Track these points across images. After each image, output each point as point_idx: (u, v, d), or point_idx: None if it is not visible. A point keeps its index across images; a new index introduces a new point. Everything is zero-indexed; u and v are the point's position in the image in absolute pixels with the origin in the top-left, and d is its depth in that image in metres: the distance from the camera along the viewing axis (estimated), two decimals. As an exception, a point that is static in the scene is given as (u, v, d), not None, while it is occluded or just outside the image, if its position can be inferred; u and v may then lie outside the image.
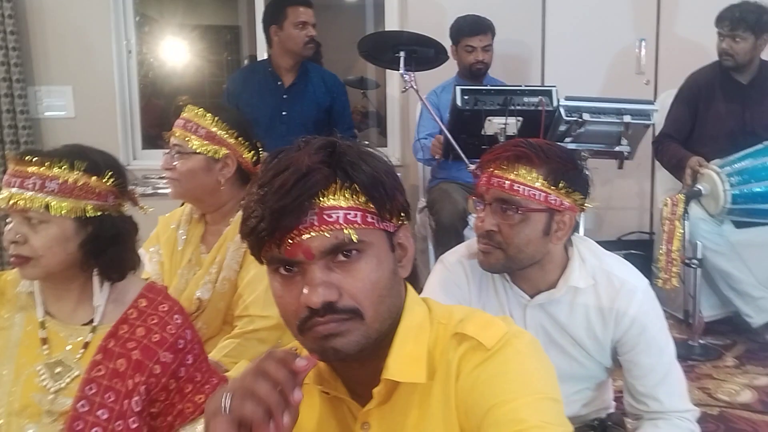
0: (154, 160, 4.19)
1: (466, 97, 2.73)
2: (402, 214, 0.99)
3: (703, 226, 3.15)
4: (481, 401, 0.91)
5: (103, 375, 1.39)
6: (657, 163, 3.73)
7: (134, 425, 1.39)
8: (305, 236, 0.89)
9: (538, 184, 1.49)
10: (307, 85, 3.57)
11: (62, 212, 1.38)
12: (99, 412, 1.37)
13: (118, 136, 4.21)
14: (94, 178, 1.42)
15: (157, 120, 4.84)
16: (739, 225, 3.26)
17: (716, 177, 3.12)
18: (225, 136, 1.90)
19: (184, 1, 6.75)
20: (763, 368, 3.01)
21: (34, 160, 1.38)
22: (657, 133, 3.62)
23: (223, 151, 1.90)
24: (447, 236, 3.21)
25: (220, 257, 1.90)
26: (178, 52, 6.24)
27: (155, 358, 1.42)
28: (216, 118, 1.90)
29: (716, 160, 3.21)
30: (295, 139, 0.97)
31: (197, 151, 1.87)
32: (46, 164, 1.39)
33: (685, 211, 3.00)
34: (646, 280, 1.62)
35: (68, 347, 1.43)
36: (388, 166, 0.97)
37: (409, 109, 4.18)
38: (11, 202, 1.36)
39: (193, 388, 1.48)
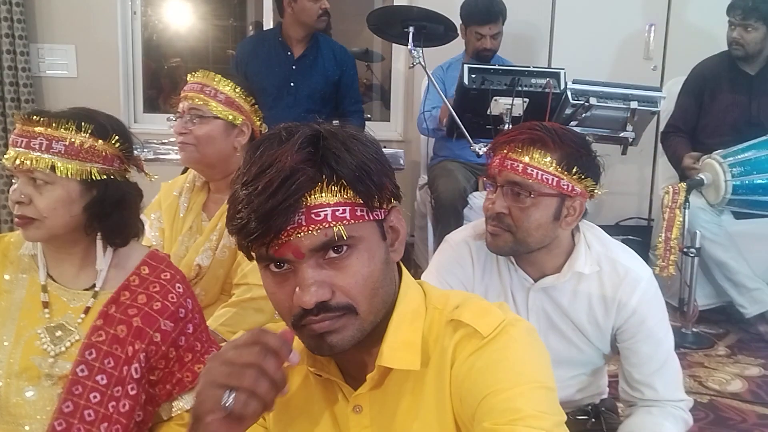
0: (155, 124, 4.19)
1: (473, 76, 2.71)
2: (391, 198, 0.97)
3: (702, 216, 3.16)
4: (476, 389, 0.91)
5: (103, 340, 1.39)
6: (659, 149, 3.73)
7: (133, 392, 1.39)
8: (293, 237, 0.87)
9: (551, 169, 1.49)
10: (317, 57, 3.54)
11: (68, 174, 1.37)
12: (98, 377, 1.37)
13: (119, 98, 4.18)
14: (100, 141, 1.41)
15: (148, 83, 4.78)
16: (738, 216, 3.27)
17: (718, 167, 3.12)
18: (242, 103, 1.92)
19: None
20: (754, 359, 3.04)
21: (41, 120, 1.37)
22: (660, 121, 3.62)
23: (240, 118, 1.91)
24: (446, 214, 3.20)
25: (221, 225, 1.90)
26: (182, 16, 6.17)
27: (156, 326, 1.42)
28: (234, 85, 1.90)
29: (719, 151, 3.20)
30: (301, 111, 0.94)
31: (217, 116, 1.88)
32: (53, 125, 1.37)
33: (686, 200, 3.00)
34: (650, 270, 1.62)
35: (69, 312, 1.43)
36: (375, 150, 0.94)
37: (414, 84, 4.16)
38: (17, 161, 1.35)
39: (193, 357, 1.49)
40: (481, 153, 2.80)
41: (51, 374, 1.38)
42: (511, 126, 2.67)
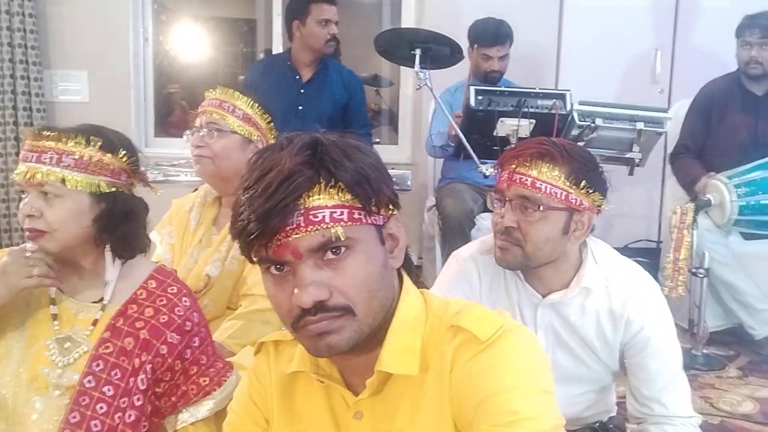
0: (166, 147, 4.24)
1: (479, 98, 2.73)
2: (390, 206, 0.99)
3: (709, 237, 3.15)
4: (474, 392, 0.92)
5: (111, 352, 1.41)
6: (667, 171, 3.73)
7: (138, 403, 1.41)
8: (292, 237, 0.89)
9: (560, 183, 1.50)
10: (325, 81, 3.57)
11: (77, 186, 1.40)
12: (105, 389, 1.39)
13: (131, 122, 4.23)
14: (108, 155, 1.45)
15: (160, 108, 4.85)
16: (747, 237, 3.26)
17: (723, 187, 3.12)
18: (259, 119, 1.97)
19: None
20: (766, 380, 3.00)
21: (51, 135, 1.41)
22: (667, 142, 3.62)
23: (256, 134, 1.96)
24: (453, 235, 3.21)
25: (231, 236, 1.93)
26: (193, 43, 6.26)
27: (162, 338, 1.44)
28: (252, 102, 1.95)
29: (725, 171, 3.21)
30: None
31: (234, 130, 1.92)
32: (62, 139, 1.41)
33: (694, 221, 3.00)
34: (658, 286, 1.62)
35: (78, 324, 1.45)
36: (374, 159, 0.97)
37: (422, 108, 4.19)
38: (28, 175, 1.38)
39: (198, 371, 1.50)
40: (488, 174, 2.81)
41: (59, 384, 1.40)
42: (517, 146, 2.70)
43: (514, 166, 1.53)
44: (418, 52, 2.72)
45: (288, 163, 0.89)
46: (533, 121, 2.71)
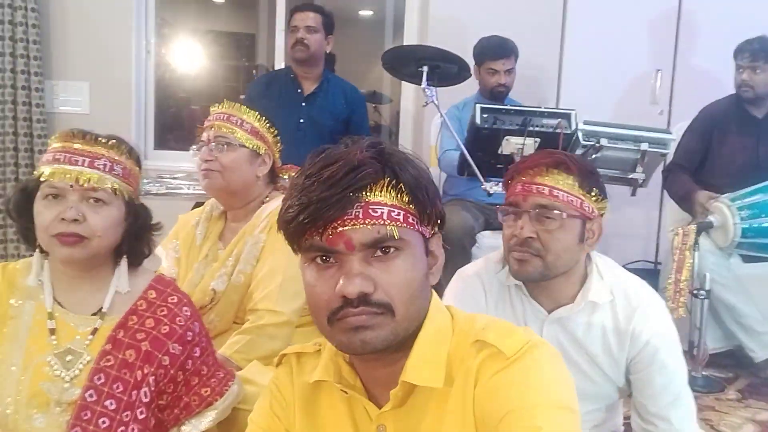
0: (165, 160, 4.24)
1: (485, 116, 2.74)
2: (438, 222, 1.01)
3: (711, 258, 3.14)
4: (498, 407, 0.92)
5: (112, 365, 1.39)
6: (666, 192, 3.74)
7: (142, 416, 1.40)
8: (349, 227, 0.90)
9: (575, 191, 1.52)
10: (326, 95, 3.59)
11: (123, 196, 1.44)
12: (107, 402, 1.37)
13: (131, 135, 4.22)
14: (137, 168, 1.50)
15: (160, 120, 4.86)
16: (746, 259, 3.26)
17: (726, 210, 3.12)
18: (266, 133, 1.97)
19: (203, 7, 6.81)
20: (766, 403, 2.99)
21: (107, 142, 1.43)
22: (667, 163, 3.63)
23: (264, 147, 1.95)
24: (454, 251, 3.17)
25: (237, 250, 1.91)
26: (194, 56, 6.28)
27: (164, 349, 1.43)
28: (259, 116, 1.95)
29: (727, 194, 3.21)
30: (311, 148, 0.99)
31: (243, 144, 1.92)
32: (114, 148, 1.44)
33: (696, 242, 3.00)
34: (662, 300, 1.62)
35: (77, 336, 1.44)
36: (429, 174, 1.00)
37: (423, 125, 4.19)
38: (82, 179, 1.38)
39: (200, 381, 1.50)
40: (491, 192, 2.81)
41: (60, 401, 1.38)
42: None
43: (530, 176, 1.54)
44: (425, 69, 2.74)
45: (358, 155, 0.92)
46: (538, 139, 2.72)
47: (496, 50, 3.55)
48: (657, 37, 4.14)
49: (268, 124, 1.97)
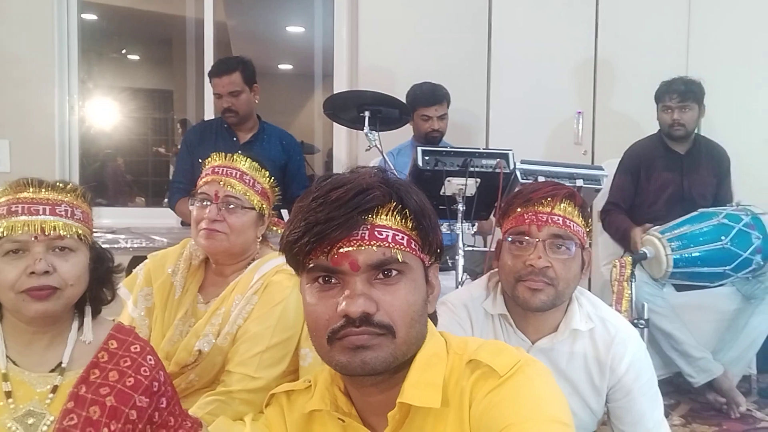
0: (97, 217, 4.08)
1: (427, 158, 2.77)
2: (437, 252, 1.03)
3: (646, 289, 3.26)
4: (493, 424, 0.93)
5: (75, 424, 1.31)
6: (598, 228, 3.87)
7: (111, 477, 1.31)
8: (354, 248, 0.92)
9: (579, 221, 1.57)
10: (263, 143, 3.60)
11: (86, 240, 1.37)
12: None
13: (56, 192, 4.06)
14: (90, 210, 1.43)
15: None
16: (678, 288, 3.40)
17: (658, 242, 3.25)
18: (270, 194, 1.90)
19: (120, 65, 6.74)
20: (708, 426, 3.09)
21: (67, 186, 1.37)
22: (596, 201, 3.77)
23: (268, 208, 1.89)
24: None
25: (225, 309, 1.79)
26: (115, 112, 6.17)
27: (131, 403, 1.35)
28: (269, 176, 1.88)
29: (657, 226, 3.35)
30: None
31: (253, 206, 1.83)
32: (71, 192, 1.37)
33: (632, 273, 3.10)
34: (635, 329, 1.66)
35: (36, 397, 1.34)
36: (431, 205, 1.02)
37: (358, 172, 4.21)
38: (48, 229, 1.30)
39: None
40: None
41: None
42: (464, 207, 2.75)
43: (542, 206, 1.56)
44: (367, 114, 2.77)
45: (367, 179, 0.95)
46: (479, 179, 2.77)
47: (428, 97, 3.64)
48: (577, 81, 4.34)
49: (275, 183, 1.91)
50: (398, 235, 0.95)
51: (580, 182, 2.91)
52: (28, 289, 1.30)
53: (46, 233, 1.31)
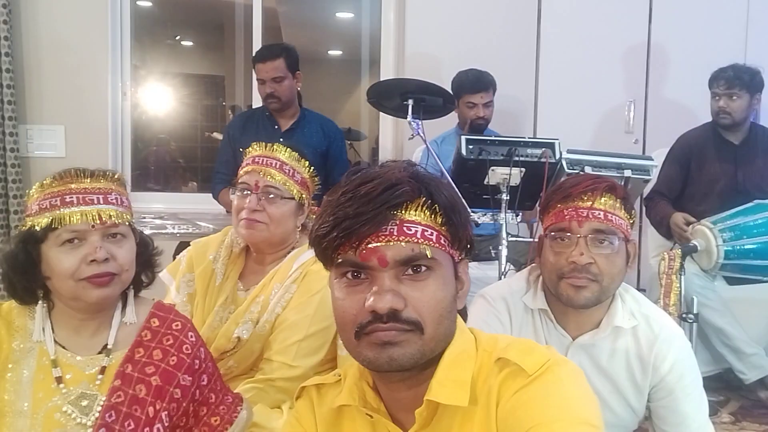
0: (143, 202, 4.21)
1: (470, 147, 2.75)
2: (467, 247, 1.02)
3: (697, 282, 3.18)
4: (520, 424, 0.92)
5: (122, 401, 1.35)
6: (646, 220, 3.79)
7: (154, 454, 1.34)
8: (383, 243, 0.91)
9: (622, 214, 1.53)
10: (303, 130, 3.62)
11: (133, 227, 1.42)
12: None
13: (108, 177, 4.16)
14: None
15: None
16: (731, 282, 3.30)
17: (709, 233, 3.16)
18: (310, 183, 1.90)
19: (173, 51, 6.85)
20: (759, 425, 3.01)
21: (115, 176, 1.42)
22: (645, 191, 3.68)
23: (308, 197, 1.89)
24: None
25: (264, 297, 1.82)
26: (168, 98, 6.29)
27: (175, 382, 1.40)
28: (309, 165, 1.88)
29: (708, 218, 3.26)
30: None
31: (293, 196, 1.84)
32: (116, 181, 1.41)
33: (682, 266, 3.02)
34: (680, 328, 1.62)
35: (85, 379, 1.39)
36: (462, 200, 1.01)
37: (403, 158, 4.20)
38: (104, 217, 1.35)
39: (208, 410, 1.46)
40: (479, 222, 2.82)
41: None
42: (508, 196, 2.72)
43: (582, 201, 1.53)
44: (410, 102, 2.75)
45: (396, 174, 0.94)
46: (523, 169, 2.74)
47: (474, 84, 3.60)
48: (629, 68, 4.23)
49: (314, 172, 1.91)
50: (427, 231, 0.94)
51: (628, 172, 2.85)
52: (89, 276, 1.34)
53: (103, 221, 1.35)
